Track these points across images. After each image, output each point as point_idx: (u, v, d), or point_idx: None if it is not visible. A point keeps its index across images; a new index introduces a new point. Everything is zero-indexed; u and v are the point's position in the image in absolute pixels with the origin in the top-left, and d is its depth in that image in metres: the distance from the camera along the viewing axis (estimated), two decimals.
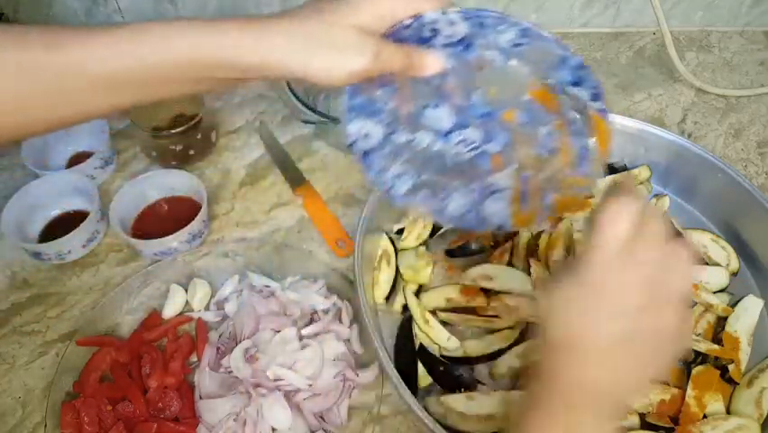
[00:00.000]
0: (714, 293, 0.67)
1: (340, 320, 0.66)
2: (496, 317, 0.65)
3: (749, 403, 0.58)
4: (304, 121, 0.82)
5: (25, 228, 0.74)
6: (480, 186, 0.51)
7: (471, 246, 0.69)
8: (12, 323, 0.69)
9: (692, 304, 0.66)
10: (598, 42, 1.05)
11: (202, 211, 0.72)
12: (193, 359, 0.65)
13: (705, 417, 0.58)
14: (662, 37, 0.93)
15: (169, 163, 0.82)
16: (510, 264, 0.69)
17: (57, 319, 0.69)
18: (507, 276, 0.67)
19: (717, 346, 0.62)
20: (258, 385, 0.59)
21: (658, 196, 0.78)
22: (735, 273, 0.70)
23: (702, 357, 0.62)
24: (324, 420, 0.60)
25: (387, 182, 0.51)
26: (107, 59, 0.41)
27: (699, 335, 0.64)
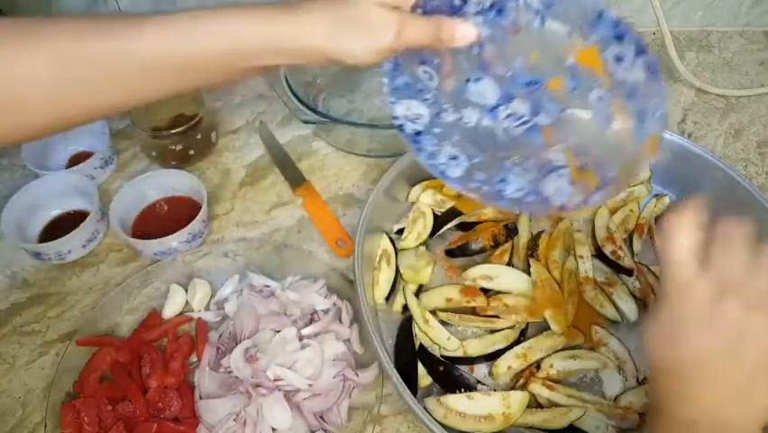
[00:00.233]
0: None
1: (340, 320, 0.66)
2: (496, 317, 0.65)
3: None
4: (304, 121, 0.82)
5: (25, 228, 0.74)
6: (536, 163, 0.47)
7: (471, 246, 0.69)
8: (12, 323, 0.69)
9: None
10: None
11: (202, 211, 0.72)
12: (193, 359, 0.65)
13: None
14: (662, 37, 0.93)
15: (169, 163, 0.82)
16: (510, 264, 0.69)
17: (57, 319, 0.69)
18: (507, 276, 0.67)
19: None
20: (258, 385, 0.59)
21: (658, 196, 0.78)
22: None
23: None
24: (324, 420, 0.60)
25: (439, 165, 0.47)
26: (157, 47, 0.43)
27: None
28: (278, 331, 0.63)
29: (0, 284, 0.72)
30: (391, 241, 0.71)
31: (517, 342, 0.63)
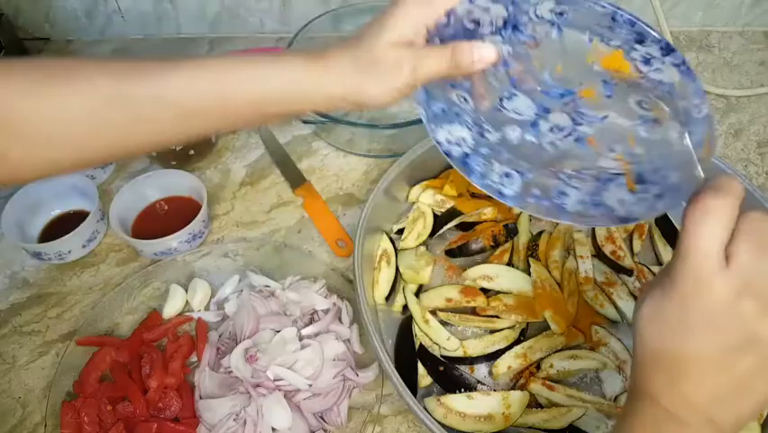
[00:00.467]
0: None
1: (340, 320, 0.66)
2: (496, 317, 0.65)
3: None
4: (304, 121, 0.82)
5: (25, 228, 0.74)
6: (592, 173, 0.45)
7: (471, 246, 0.69)
8: (12, 323, 0.69)
9: None
10: None
11: (202, 211, 0.72)
12: (193, 359, 0.65)
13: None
14: None
15: (169, 163, 0.82)
16: (510, 264, 0.69)
17: (57, 319, 0.69)
18: (507, 276, 0.67)
19: None
20: (258, 385, 0.59)
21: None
22: None
23: None
24: (324, 420, 0.60)
25: (493, 185, 0.45)
26: (187, 91, 0.44)
27: None
28: (278, 331, 0.63)
29: (0, 284, 0.73)
30: (391, 241, 0.71)
31: (517, 342, 0.63)
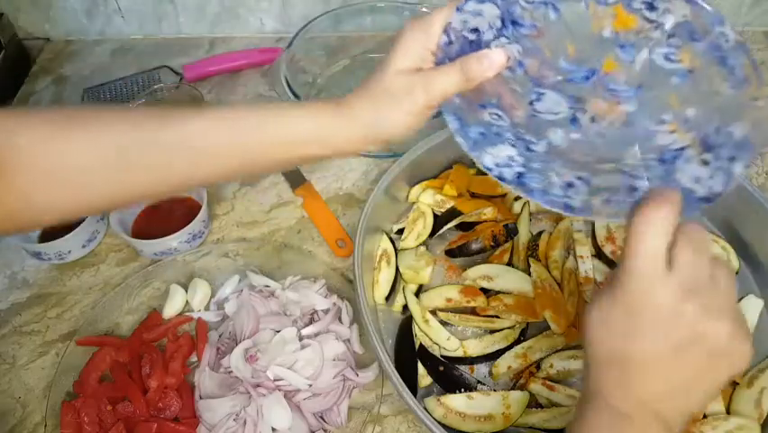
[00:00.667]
0: None
1: (340, 320, 0.66)
2: (496, 317, 0.65)
3: (749, 403, 0.58)
4: None
5: None
6: (655, 156, 0.41)
7: (471, 246, 0.69)
8: (12, 323, 0.69)
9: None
10: None
11: (202, 211, 0.72)
12: (193, 359, 0.65)
13: (705, 417, 0.58)
14: None
15: None
16: (510, 264, 0.69)
17: (57, 319, 0.69)
18: (507, 276, 0.67)
19: None
20: (258, 385, 0.59)
21: None
22: (735, 273, 0.70)
23: None
24: (324, 420, 0.60)
25: (558, 200, 0.42)
26: (209, 135, 0.45)
27: None
28: (278, 331, 0.63)
29: (0, 284, 0.73)
30: (391, 241, 0.71)
31: (517, 342, 0.63)
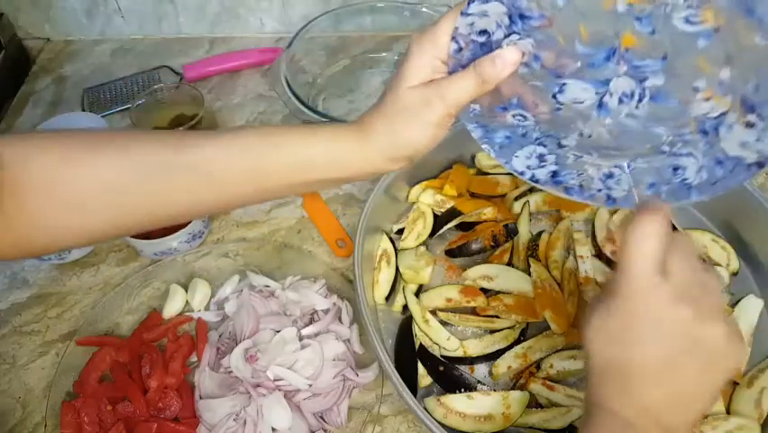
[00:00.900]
0: None
1: (340, 320, 0.66)
2: (496, 317, 0.65)
3: (749, 403, 0.58)
4: (304, 121, 0.81)
5: None
6: (694, 129, 0.39)
7: (471, 246, 0.69)
8: (12, 323, 0.69)
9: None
10: None
11: None
12: (193, 359, 0.65)
13: (705, 417, 0.58)
14: None
15: None
16: (510, 264, 0.69)
17: (57, 319, 0.69)
18: (507, 276, 0.67)
19: None
20: (258, 385, 0.59)
21: None
22: (735, 273, 0.70)
23: None
24: (324, 420, 0.60)
25: (600, 194, 0.40)
26: (225, 160, 0.45)
27: None
28: (278, 331, 0.63)
29: (0, 284, 0.73)
30: (391, 241, 0.71)
31: (517, 342, 0.63)
